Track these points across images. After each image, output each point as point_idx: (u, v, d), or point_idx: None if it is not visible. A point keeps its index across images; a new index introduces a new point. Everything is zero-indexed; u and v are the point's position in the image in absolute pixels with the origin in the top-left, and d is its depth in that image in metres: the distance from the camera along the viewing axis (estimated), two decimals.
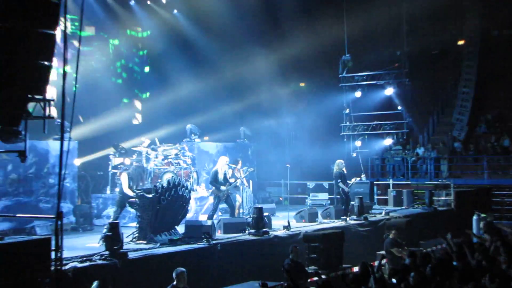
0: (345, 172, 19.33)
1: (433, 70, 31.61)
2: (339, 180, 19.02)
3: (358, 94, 27.53)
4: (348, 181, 19.37)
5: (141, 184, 15.60)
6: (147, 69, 26.39)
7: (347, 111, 27.96)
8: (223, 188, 16.26)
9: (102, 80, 23.50)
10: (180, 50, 25.64)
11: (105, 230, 11.85)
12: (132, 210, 14.97)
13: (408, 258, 11.47)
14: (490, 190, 24.99)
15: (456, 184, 24.32)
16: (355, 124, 27.90)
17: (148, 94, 26.25)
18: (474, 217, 19.19)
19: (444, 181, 24.96)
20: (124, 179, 14.30)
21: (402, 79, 27.24)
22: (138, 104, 26.01)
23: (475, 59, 30.36)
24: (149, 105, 25.78)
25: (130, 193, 14.10)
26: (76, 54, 10.04)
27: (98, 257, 10.90)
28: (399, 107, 28.48)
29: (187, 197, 14.41)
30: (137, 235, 13.33)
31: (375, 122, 27.99)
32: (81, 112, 21.42)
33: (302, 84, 32.46)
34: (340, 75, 27.66)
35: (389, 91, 27.46)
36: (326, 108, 28.59)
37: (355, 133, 27.87)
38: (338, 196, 19.70)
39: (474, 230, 17.86)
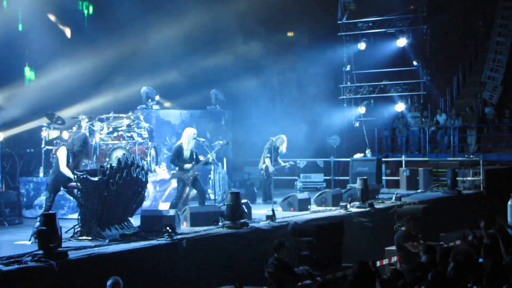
0: (282, 151, 20.21)
1: (458, 13, 31.65)
2: (268, 155, 19.96)
3: (362, 46, 27.67)
4: (280, 161, 20.23)
5: (86, 162, 15.60)
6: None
7: (348, 68, 28.08)
8: (187, 165, 16.32)
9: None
10: None
11: (38, 224, 11.89)
12: (72, 198, 15.01)
13: (424, 254, 11.69)
14: None
15: (487, 161, 24.65)
16: (358, 85, 28.07)
17: None
18: (509, 202, 19.48)
19: (471, 157, 25.26)
20: (62, 154, 14.25)
21: (418, 25, 27.37)
22: None
23: None
24: (90, 61, 25.65)
25: (68, 172, 14.06)
26: None
27: (30, 258, 10.91)
28: (415, 63, 28.65)
29: (144, 180, 14.47)
30: (79, 229, 13.38)
31: (383, 82, 28.17)
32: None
33: (289, 34, 32.48)
34: (339, 22, 27.71)
35: (402, 41, 27.62)
36: (320, 64, 28.68)
37: (358, 96, 28.07)
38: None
39: (509, 218, 18.17)
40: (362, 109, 27.97)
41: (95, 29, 25.57)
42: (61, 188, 14.38)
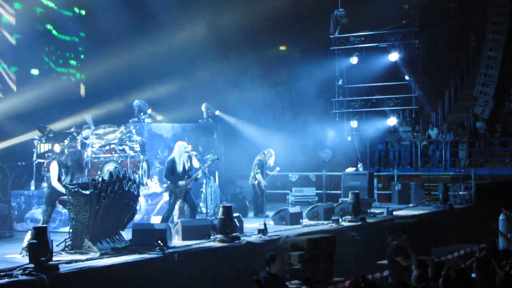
0: (270, 165, 20.55)
1: (450, 28, 31.78)
2: (258, 171, 20.52)
3: (354, 60, 27.74)
4: (268, 173, 20.67)
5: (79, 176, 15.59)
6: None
7: (340, 82, 28.14)
8: (181, 183, 16.37)
9: None
10: (121, 5, 25.44)
11: (29, 237, 11.87)
12: (64, 211, 15.01)
13: (416, 269, 11.70)
14: None
15: (478, 175, 24.67)
16: (350, 99, 28.13)
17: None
18: (501, 217, 19.52)
19: (462, 171, 25.30)
20: (53, 169, 14.31)
21: (410, 40, 27.46)
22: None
23: (506, 13, 30.25)
24: (85, 74, 25.69)
25: (59, 187, 14.10)
26: None
27: (21, 271, 10.89)
28: (407, 77, 28.72)
29: (135, 193, 14.47)
30: (70, 242, 13.37)
31: (375, 97, 28.22)
32: None
33: (282, 48, 32.56)
34: (331, 36, 27.78)
35: (394, 56, 27.70)
36: (313, 78, 28.73)
37: (350, 110, 28.11)
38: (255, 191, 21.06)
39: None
40: (354, 123, 28.03)
41: (86, 43, 25.64)
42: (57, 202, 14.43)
